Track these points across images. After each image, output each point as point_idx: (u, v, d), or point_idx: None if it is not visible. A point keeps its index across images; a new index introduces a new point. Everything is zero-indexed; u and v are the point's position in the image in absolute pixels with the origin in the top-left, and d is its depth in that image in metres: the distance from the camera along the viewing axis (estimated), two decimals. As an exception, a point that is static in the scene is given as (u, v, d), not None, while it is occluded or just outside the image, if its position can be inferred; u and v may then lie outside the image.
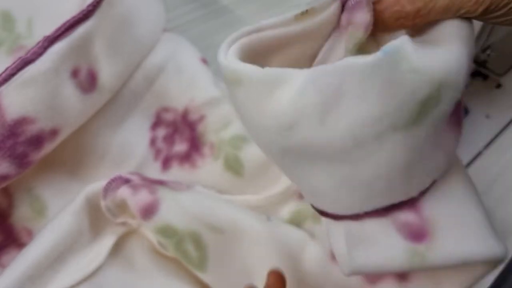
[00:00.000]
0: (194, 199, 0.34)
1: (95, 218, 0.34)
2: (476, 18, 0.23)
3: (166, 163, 0.39)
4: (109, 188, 0.33)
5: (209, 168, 0.38)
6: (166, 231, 0.32)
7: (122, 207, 0.34)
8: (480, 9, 0.22)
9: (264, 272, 0.32)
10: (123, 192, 0.32)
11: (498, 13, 0.22)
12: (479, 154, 0.48)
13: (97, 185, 0.33)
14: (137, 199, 0.32)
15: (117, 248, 0.34)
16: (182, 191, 0.35)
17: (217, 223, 0.33)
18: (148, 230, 0.34)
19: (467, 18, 0.23)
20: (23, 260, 0.30)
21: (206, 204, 0.34)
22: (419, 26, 0.24)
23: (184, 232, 0.32)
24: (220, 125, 0.39)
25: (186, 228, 0.33)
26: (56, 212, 0.33)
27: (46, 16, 0.35)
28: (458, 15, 0.23)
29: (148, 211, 0.32)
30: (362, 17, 0.24)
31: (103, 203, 0.33)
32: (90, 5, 0.33)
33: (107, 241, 0.34)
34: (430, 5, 0.22)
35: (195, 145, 0.39)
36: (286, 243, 0.34)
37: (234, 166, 0.38)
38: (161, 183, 0.35)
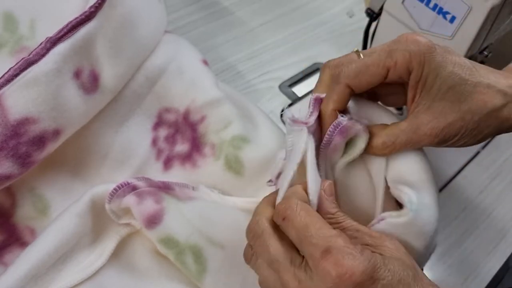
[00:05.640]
0: (198, 211, 0.34)
1: (99, 219, 0.34)
2: (434, 146, 0.28)
3: (167, 163, 0.39)
4: (115, 194, 0.33)
5: (210, 168, 0.39)
6: (168, 243, 0.33)
7: (126, 209, 0.34)
8: (436, 141, 0.27)
9: None
10: (129, 200, 0.33)
11: (453, 140, 0.28)
12: (477, 153, 0.48)
13: (102, 187, 0.33)
14: (141, 208, 0.32)
15: (119, 249, 0.34)
16: (187, 201, 0.35)
17: (218, 238, 0.33)
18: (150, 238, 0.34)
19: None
20: (26, 259, 0.30)
21: (209, 217, 0.34)
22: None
23: (185, 245, 0.33)
24: (221, 125, 0.39)
25: (187, 240, 0.33)
26: (59, 212, 0.33)
27: (48, 17, 0.36)
28: (418, 146, 0.28)
29: (152, 221, 0.32)
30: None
31: (107, 207, 0.33)
32: (92, 6, 0.34)
33: (109, 242, 0.34)
34: (392, 139, 0.28)
35: (196, 145, 0.39)
36: None
37: (234, 166, 0.38)
38: (167, 188, 0.35)
